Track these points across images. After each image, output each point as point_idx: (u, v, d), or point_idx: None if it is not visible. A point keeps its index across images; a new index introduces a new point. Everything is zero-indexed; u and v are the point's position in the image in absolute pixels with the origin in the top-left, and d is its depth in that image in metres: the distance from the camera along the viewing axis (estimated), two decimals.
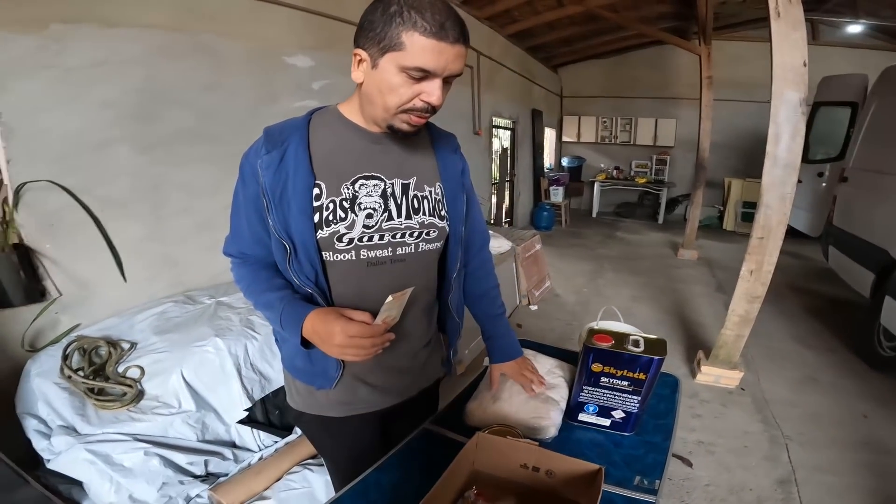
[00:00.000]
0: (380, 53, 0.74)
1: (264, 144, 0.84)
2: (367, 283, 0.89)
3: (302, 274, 0.86)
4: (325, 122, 0.88)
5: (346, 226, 0.84)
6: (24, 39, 1.63)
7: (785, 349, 3.29)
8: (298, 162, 0.82)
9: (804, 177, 4.42)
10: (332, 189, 0.84)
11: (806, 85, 2.16)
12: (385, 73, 0.75)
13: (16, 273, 1.64)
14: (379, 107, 0.79)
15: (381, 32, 0.72)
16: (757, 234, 2.42)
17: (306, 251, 0.84)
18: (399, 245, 0.90)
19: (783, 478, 2.02)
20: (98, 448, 1.46)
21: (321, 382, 0.95)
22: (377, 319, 0.80)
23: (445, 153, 0.99)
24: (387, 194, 0.87)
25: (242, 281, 0.95)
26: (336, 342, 0.78)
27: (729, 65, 6.99)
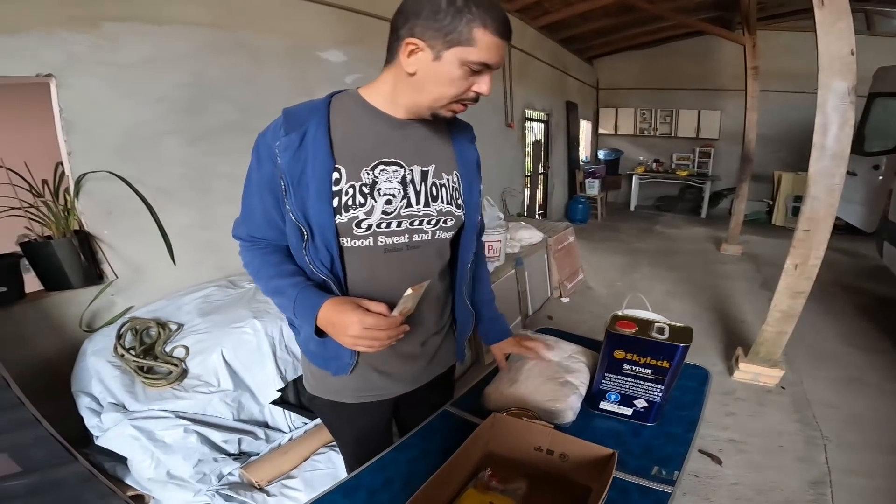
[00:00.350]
0: (445, 46, 0.74)
1: (283, 126, 0.82)
2: (382, 269, 0.89)
3: (317, 260, 0.85)
4: (345, 105, 0.87)
5: (365, 211, 0.84)
6: (79, 37, 1.75)
7: (831, 348, 3.12)
8: (318, 145, 0.81)
9: (859, 169, 4.15)
10: (352, 174, 0.83)
11: (854, 74, 2.06)
12: (448, 65, 0.76)
13: (76, 257, 1.77)
14: (432, 96, 0.80)
15: (448, 26, 0.73)
16: (803, 227, 2.31)
17: (323, 236, 0.83)
18: (416, 232, 0.90)
19: (817, 479, 1.95)
20: (143, 424, 1.55)
21: (336, 368, 0.95)
22: (394, 311, 0.80)
23: (463, 142, 0.99)
24: (406, 181, 0.87)
25: (251, 265, 0.93)
26: (351, 333, 0.78)
27: (779, 55, 6.66)
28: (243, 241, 0.96)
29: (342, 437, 1.12)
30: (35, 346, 1.73)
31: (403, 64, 0.78)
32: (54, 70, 1.70)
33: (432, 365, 1.07)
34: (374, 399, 1.02)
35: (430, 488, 0.72)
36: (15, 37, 1.60)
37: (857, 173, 4.22)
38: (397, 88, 0.83)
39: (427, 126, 0.90)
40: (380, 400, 1.02)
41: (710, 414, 2.36)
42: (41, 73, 1.67)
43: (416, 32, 0.75)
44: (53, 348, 1.77)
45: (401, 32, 0.77)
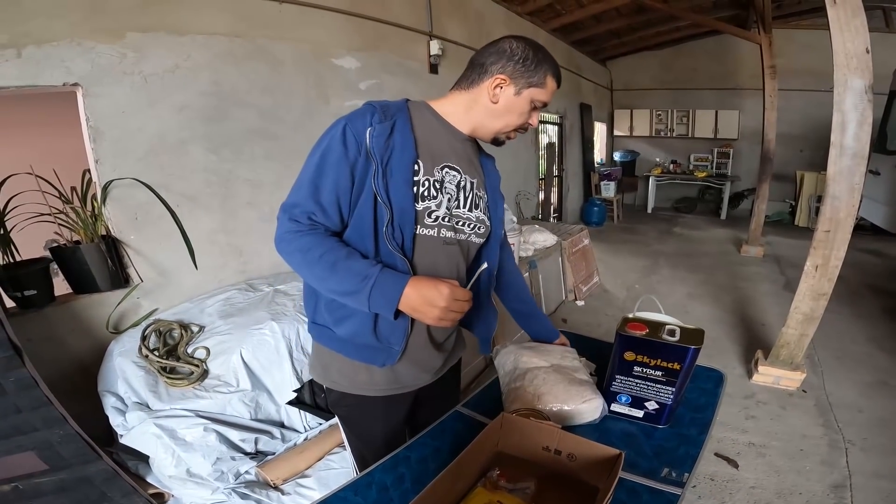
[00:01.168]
0: (526, 86, 0.95)
1: (377, 113, 0.91)
2: (438, 258, 0.98)
3: (392, 239, 0.90)
4: (423, 112, 1.00)
5: (435, 203, 0.95)
6: (104, 48, 1.83)
7: (857, 351, 3.03)
8: (405, 138, 0.92)
9: (882, 168, 4.05)
10: (428, 169, 0.95)
11: (870, 71, 2.03)
12: (522, 100, 0.97)
13: (104, 261, 1.84)
14: (501, 123, 0.99)
15: (533, 70, 0.94)
16: (823, 228, 2.27)
17: (402, 219, 0.91)
18: (460, 231, 1.02)
19: (838, 483, 1.90)
20: (165, 423, 1.60)
21: (383, 359, 1.00)
22: (468, 286, 0.93)
23: (489, 167, 1.13)
24: (460, 186, 1.00)
25: (312, 249, 0.87)
26: (442, 304, 0.85)
27: (799, 53, 6.56)
28: (299, 223, 0.89)
29: (369, 436, 1.11)
30: (63, 347, 1.80)
31: (489, 93, 0.96)
32: (81, 79, 1.77)
33: (450, 356, 1.16)
34: (402, 392, 1.07)
35: (438, 485, 0.74)
36: (43, 47, 1.67)
37: (880, 172, 4.10)
38: (473, 111, 0.99)
39: (473, 147, 1.07)
40: (405, 393, 1.08)
41: (730, 417, 2.33)
42: (68, 83, 1.75)
43: (507, 71, 0.95)
44: (81, 349, 1.84)
45: (492, 68, 0.95)
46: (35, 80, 1.67)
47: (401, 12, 3.29)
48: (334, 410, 1.14)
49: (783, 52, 5.08)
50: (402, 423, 1.13)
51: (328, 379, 1.07)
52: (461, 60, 4.25)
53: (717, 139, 8.13)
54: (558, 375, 1.13)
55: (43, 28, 1.66)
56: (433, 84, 3.69)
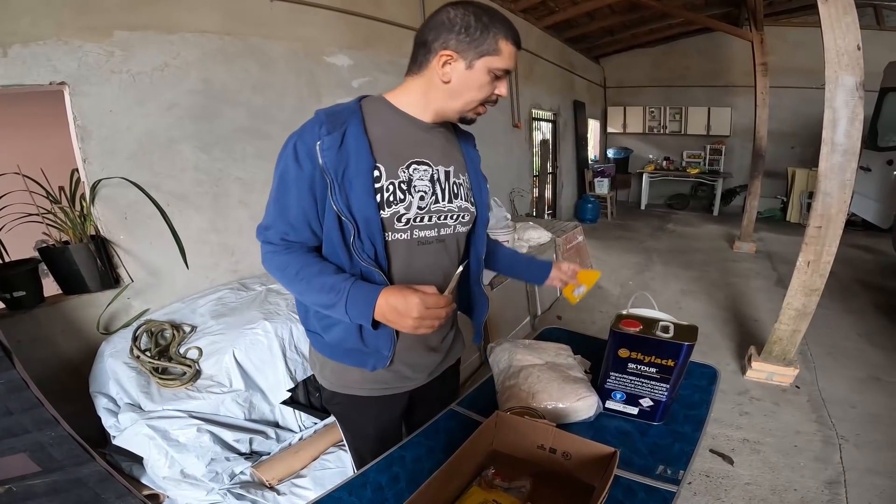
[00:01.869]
0: (476, 56, 0.86)
1: (324, 125, 0.86)
2: (416, 261, 0.95)
3: (363, 252, 0.89)
4: (378, 109, 0.93)
5: (404, 206, 0.91)
6: (92, 47, 1.80)
7: (849, 347, 3.06)
8: (359, 144, 0.86)
9: (873, 165, 4.09)
10: (390, 172, 0.90)
11: (862, 69, 2.05)
12: (478, 73, 0.87)
13: (93, 262, 1.81)
14: (462, 101, 0.91)
15: (479, 39, 0.85)
16: (815, 224, 2.28)
17: (369, 230, 0.88)
18: (442, 226, 0.98)
19: (832, 479, 1.92)
20: (158, 424, 1.59)
21: (374, 363, 0.98)
22: (445, 291, 0.87)
23: (468, 148, 1.08)
24: (434, 179, 0.95)
25: (288, 267, 0.91)
26: (415, 314, 0.82)
27: (791, 51, 6.62)
28: (273, 245, 0.94)
29: (362, 433, 1.12)
30: (54, 349, 1.78)
31: (438, 73, 0.88)
32: (67, 78, 1.74)
33: (447, 356, 1.14)
34: (394, 392, 1.06)
35: (433, 484, 0.73)
36: (30, 46, 1.64)
37: (871, 168, 4.15)
38: (429, 95, 0.92)
39: (444, 133, 1.01)
40: (398, 393, 1.06)
41: (724, 414, 2.34)
42: (55, 82, 1.72)
43: (450, 45, 0.86)
44: (72, 350, 1.82)
45: (434, 45, 0.87)
46: (21, 79, 1.64)
47: (394, 10, 3.27)
48: (328, 407, 1.14)
49: (775, 50, 5.10)
50: (396, 421, 1.13)
51: (323, 377, 1.08)
52: None
53: (710, 136, 8.17)
54: (553, 373, 1.13)
55: (29, 27, 1.63)
56: None
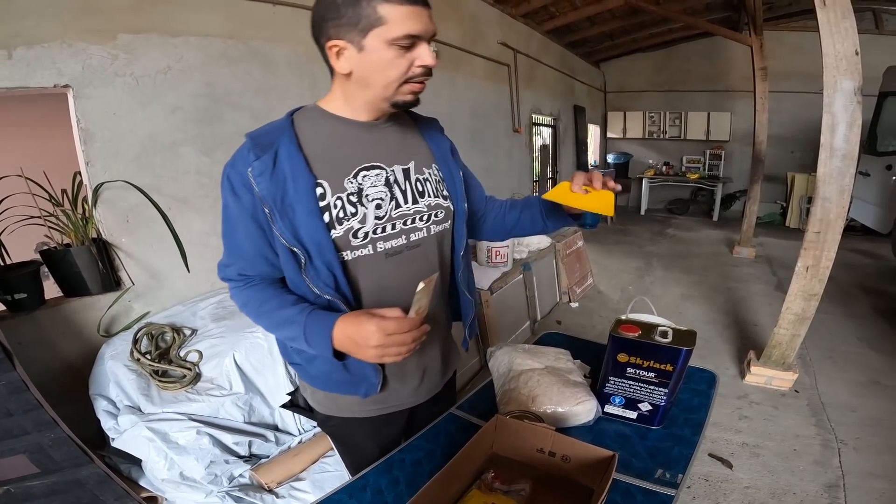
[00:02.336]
0: (361, 35, 0.73)
1: (252, 150, 0.80)
2: (387, 275, 0.88)
3: (319, 281, 0.82)
4: (310, 120, 0.86)
5: (358, 220, 0.83)
6: (96, 49, 1.81)
7: (849, 352, 3.07)
8: (294, 163, 0.79)
9: (872, 169, 4.10)
10: (336, 186, 0.82)
11: (860, 73, 2.06)
12: (375, 51, 0.74)
13: (94, 264, 1.82)
14: (379, 87, 0.78)
15: (353, 16, 0.72)
16: (814, 229, 2.30)
17: (322, 254, 0.81)
18: (412, 231, 0.89)
19: (831, 482, 1.92)
20: (157, 426, 1.59)
21: (365, 390, 0.92)
22: (410, 312, 0.76)
23: (433, 134, 0.98)
24: (390, 182, 0.87)
25: (250, 304, 0.88)
26: (373, 343, 0.74)
27: (791, 55, 6.64)
28: (234, 281, 0.90)
29: (359, 453, 1.04)
30: (54, 351, 1.78)
31: (337, 68, 0.79)
32: (71, 81, 1.75)
33: (446, 368, 1.09)
34: (394, 410, 1.01)
35: (433, 487, 0.74)
36: (34, 48, 1.65)
37: (870, 173, 4.16)
38: (347, 93, 0.83)
39: (396, 125, 0.91)
40: (398, 411, 1.02)
41: (724, 418, 2.35)
42: (59, 84, 1.73)
43: (329, 35, 0.76)
44: (72, 353, 1.82)
45: (321, 42, 0.78)
46: (25, 81, 1.65)
47: None
48: (323, 429, 1.08)
49: (774, 54, 5.13)
50: (397, 436, 1.07)
51: (315, 402, 1.02)
52: (454, 62, 4.27)
53: (709, 141, 8.20)
54: (552, 377, 1.13)
55: (34, 29, 1.65)
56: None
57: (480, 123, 4.48)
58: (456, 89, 4.11)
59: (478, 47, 4.35)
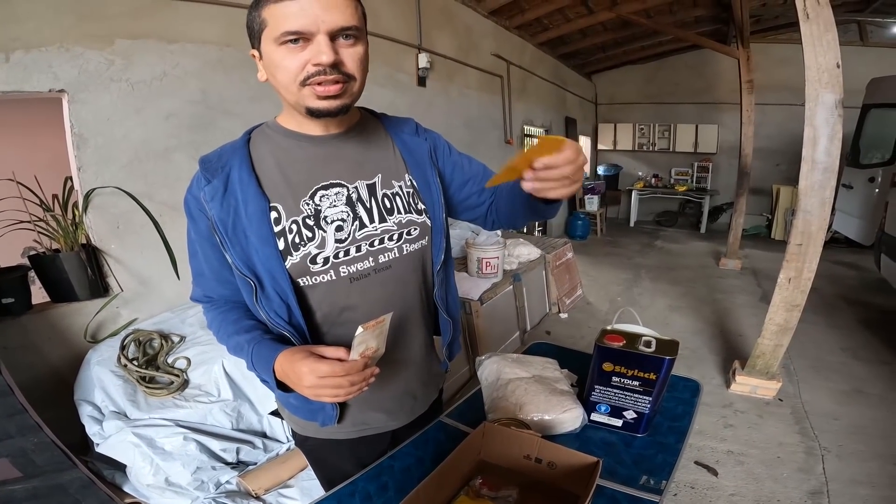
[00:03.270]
0: (257, 42, 0.73)
1: (202, 174, 0.78)
2: (353, 300, 0.82)
3: (272, 311, 0.78)
4: (265, 138, 0.82)
5: (316, 245, 0.78)
6: (93, 55, 1.81)
7: (833, 361, 3.13)
8: (245, 186, 0.76)
9: (855, 182, 4.18)
10: (291, 209, 0.77)
11: (841, 86, 2.11)
12: (269, 55, 0.71)
13: (83, 270, 1.81)
14: (283, 89, 0.73)
15: (251, 24, 0.72)
16: (795, 241, 2.34)
17: (275, 283, 0.77)
18: (380, 252, 0.83)
19: (815, 489, 1.96)
20: (143, 432, 1.58)
21: (322, 419, 0.90)
22: (352, 354, 0.70)
23: (406, 138, 0.90)
24: (353, 200, 0.81)
25: (212, 325, 0.87)
26: (306, 384, 0.69)
27: (777, 68, 6.76)
28: (201, 302, 0.90)
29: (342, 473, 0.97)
30: (40, 356, 1.76)
31: (258, 77, 0.77)
32: (67, 86, 1.76)
33: (429, 393, 1.06)
34: (376, 433, 0.98)
35: (421, 492, 0.75)
36: (32, 53, 1.66)
37: (853, 186, 4.24)
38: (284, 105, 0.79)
39: (360, 136, 0.85)
40: (380, 433, 0.99)
41: (709, 426, 2.38)
42: (54, 89, 1.73)
43: (253, 47, 0.76)
44: (58, 358, 1.80)
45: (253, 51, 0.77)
46: (21, 85, 1.65)
47: (390, 25, 3.33)
48: (301, 449, 1.04)
49: (761, 67, 5.22)
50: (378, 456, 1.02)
51: (292, 421, 0.99)
52: (449, 73, 4.32)
53: (697, 153, 8.33)
54: (539, 386, 1.15)
55: (33, 33, 1.65)
56: (421, 96, 3.73)
57: (472, 135, 4.53)
58: (450, 100, 4.16)
59: (471, 58, 4.41)
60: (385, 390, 0.93)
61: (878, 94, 4.10)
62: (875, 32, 6.40)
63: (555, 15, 5.15)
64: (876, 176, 3.91)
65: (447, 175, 0.95)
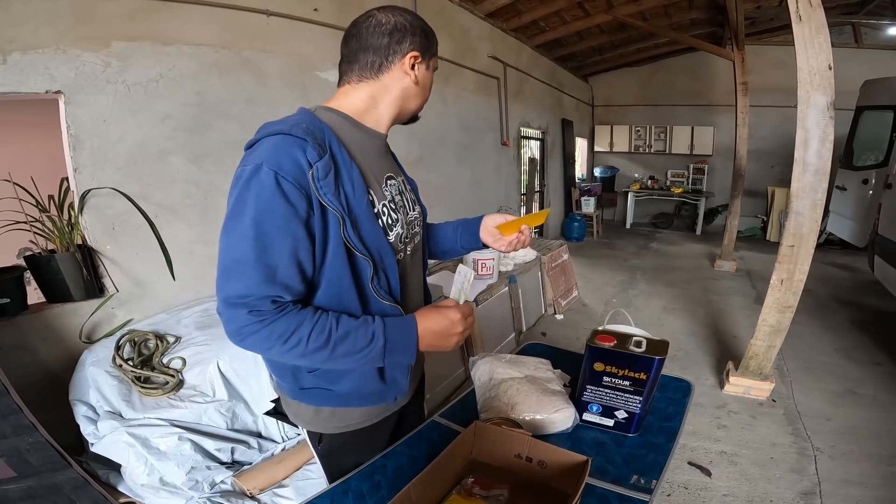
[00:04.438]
0: (430, 56, 0.90)
1: (309, 146, 0.72)
2: (407, 276, 0.94)
3: (381, 289, 0.82)
4: (340, 124, 0.83)
5: (400, 226, 0.89)
6: (89, 56, 1.82)
7: (826, 362, 3.16)
8: (349, 167, 0.78)
9: (849, 184, 4.21)
10: (378, 193, 0.85)
11: (833, 88, 2.12)
12: (426, 75, 0.91)
13: (79, 271, 1.81)
14: (421, 100, 0.92)
15: (431, 40, 0.89)
16: (787, 243, 2.36)
17: (383, 262, 0.82)
18: (415, 236, 0.98)
19: (807, 490, 1.97)
20: (138, 431, 1.58)
21: (394, 393, 0.95)
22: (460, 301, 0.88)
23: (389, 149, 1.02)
24: (402, 191, 0.95)
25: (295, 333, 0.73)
26: (460, 329, 0.83)
27: (772, 70, 6.81)
28: (261, 311, 0.72)
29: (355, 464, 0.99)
30: (35, 356, 1.76)
31: (409, 75, 0.86)
32: (64, 87, 1.76)
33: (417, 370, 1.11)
34: (390, 412, 1.01)
35: (413, 489, 0.76)
36: (29, 54, 1.66)
37: (846, 188, 4.27)
38: (386, 100, 0.87)
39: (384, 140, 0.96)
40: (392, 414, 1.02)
41: (703, 427, 2.39)
42: (51, 90, 1.73)
43: (416, 46, 0.86)
44: (53, 358, 1.80)
45: (399, 47, 0.84)
46: (18, 86, 1.66)
47: None
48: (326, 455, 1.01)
49: (756, 69, 5.25)
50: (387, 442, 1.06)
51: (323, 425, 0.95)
52: (446, 75, 4.31)
53: (693, 155, 8.38)
54: (531, 386, 1.16)
55: (30, 34, 1.66)
56: None
57: (469, 136, 4.54)
58: (446, 102, 4.17)
59: (468, 60, 4.42)
60: None
61: (872, 96, 4.13)
62: (869, 34, 6.45)
63: (551, 17, 5.18)
64: (869, 178, 3.94)
65: None
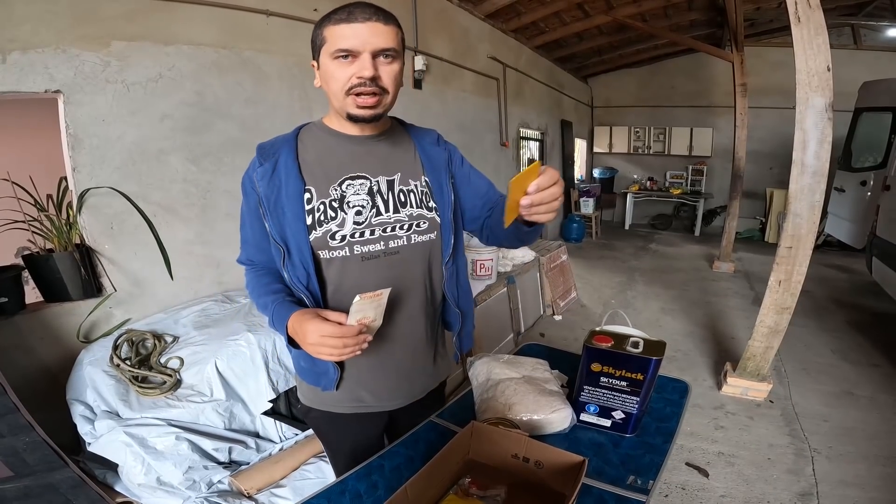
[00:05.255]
0: (317, 54, 0.89)
1: (258, 158, 0.95)
2: (363, 277, 0.94)
3: (295, 276, 0.93)
4: (311, 133, 0.98)
5: (336, 224, 0.92)
6: (89, 56, 1.82)
7: (823, 363, 3.16)
8: (289, 170, 0.92)
9: (847, 185, 4.22)
10: (321, 192, 0.92)
11: (831, 90, 2.12)
12: (324, 66, 0.88)
13: (77, 271, 1.81)
14: (332, 96, 0.90)
15: (315, 40, 0.89)
16: (785, 244, 2.37)
17: (300, 252, 0.92)
18: (391, 238, 0.96)
19: (805, 491, 1.97)
20: (135, 431, 1.58)
21: (324, 383, 1.01)
22: (349, 320, 0.82)
23: (427, 147, 1.04)
24: (373, 191, 0.95)
25: (249, 285, 1.04)
26: (309, 341, 0.84)
27: (772, 71, 6.81)
28: (244, 265, 1.06)
29: (338, 448, 1.14)
30: (32, 355, 1.76)
31: (315, 83, 0.94)
32: (63, 87, 1.76)
33: (426, 379, 1.11)
34: (372, 411, 1.06)
35: (410, 489, 0.76)
36: (28, 53, 1.66)
37: (845, 189, 4.28)
38: (331, 108, 0.95)
39: (388, 139, 1.01)
40: (374, 412, 1.06)
41: (701, 428, 2.39)
42: (50, 90, 1.73)
43: (313, 57, 0.91)
44: (51, 358, 1.80)
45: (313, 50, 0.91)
46: (17, 86, 1.66)
47: None
48: (305, 420, 1.16)
49: (755, 70, 5.25)
50: (375, 439, 1.13)
51: (301, 393, 1.11)
52: (445, 76, 4.33)
53: (692, 156, 8.38)
54: (529, 386, 1.16)
55: (30, 34, 1.66)
56: (416, 99, 3.75)
57: (468, 137, 4.54)
58: (445, 103, 4.18)
59: (468, 61, 4.43)
60: (380, 370, 1.03)
61: (871, 97, 4.13)
62: (868, 36, 6.45)
63: (551, 18, 5.18)
64: (868, 179, 3.94)
65: (456, 184, 1.07)
